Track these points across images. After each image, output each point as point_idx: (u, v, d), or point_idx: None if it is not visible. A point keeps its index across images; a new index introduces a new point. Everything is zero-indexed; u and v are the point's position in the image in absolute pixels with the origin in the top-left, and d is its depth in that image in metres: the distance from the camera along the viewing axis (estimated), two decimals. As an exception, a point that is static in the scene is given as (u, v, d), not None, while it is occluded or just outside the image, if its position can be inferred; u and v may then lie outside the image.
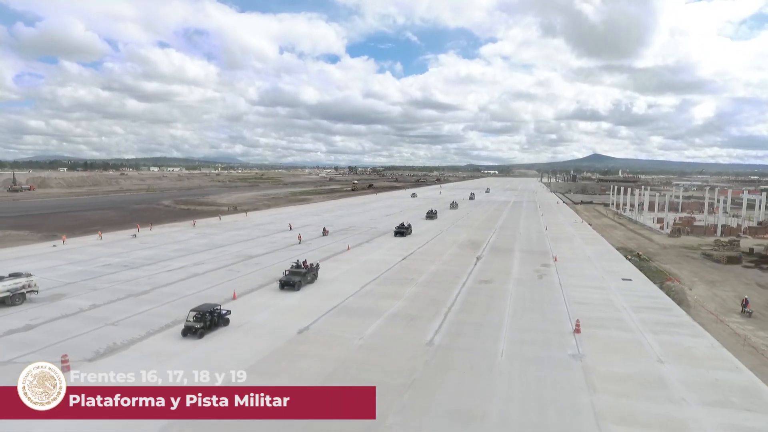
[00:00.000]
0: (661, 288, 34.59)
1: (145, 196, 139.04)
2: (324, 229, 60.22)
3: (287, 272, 33.32)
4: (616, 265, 43.00)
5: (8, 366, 19.72)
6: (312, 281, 33.89)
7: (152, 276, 36.15)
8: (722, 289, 36.12)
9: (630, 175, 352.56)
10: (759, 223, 72.20)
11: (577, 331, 24.39)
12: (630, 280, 36.53)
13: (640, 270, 40.84)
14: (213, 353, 21.25)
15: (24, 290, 28.67)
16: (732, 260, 45.47)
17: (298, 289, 31.68)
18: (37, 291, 29.55)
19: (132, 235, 57.35)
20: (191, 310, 23.68)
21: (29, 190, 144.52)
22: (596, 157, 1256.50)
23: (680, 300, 31.43)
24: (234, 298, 30.00)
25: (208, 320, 23.35)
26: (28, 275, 29.54)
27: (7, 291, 27.81)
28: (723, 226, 66.32)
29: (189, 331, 22.99)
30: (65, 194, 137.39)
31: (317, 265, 35.75)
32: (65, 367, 19.27)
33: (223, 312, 24.68)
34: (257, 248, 49.07)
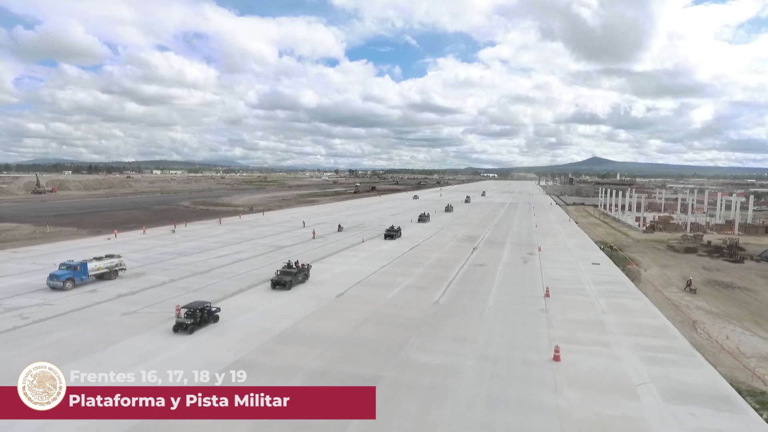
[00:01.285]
0: (623, 270, 42.52)
1: (161, 197, 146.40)
2: (339, 226, 68.25)
3: (279, 272, 34.24)
4: (590, 254, 51.06)
5: (134, 314, 27.60)
6: (303, 281, 34.78)
7: (206, 260, 44.00)
8: (672, 271, 44.06)
9: (627, 178, 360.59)
10: (726, 222, 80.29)
11: (547, 295, 32.35)
12: (598, 264, 44.52)
13: (610, 257, 48.84)
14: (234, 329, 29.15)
15: (117, 268, 36.55)
16: (689, 250, 53.60)
17: (289, 289, 32.78)
18: (125, 269, 37.42)
19: (171, 230, 65.24)
20: (182, 307, 24.73)
21: (51, 192, 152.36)
22: (595, 161, 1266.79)
23: (634, 278, 39.41)
24: (280, 275, 37.83)
25: (198, 317, 24.30)
26: (119, 256, 37.49)
27: (106, 268, 35.70)
28: (692, 223, 74.67)
29: (180, 327, 23.80)
30: (86, 196, 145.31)
31: (309, 266, 36.87)
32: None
33: (213, 309, 25.73)
34: (284, 241, 56.98)
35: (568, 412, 16.76)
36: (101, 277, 35.47)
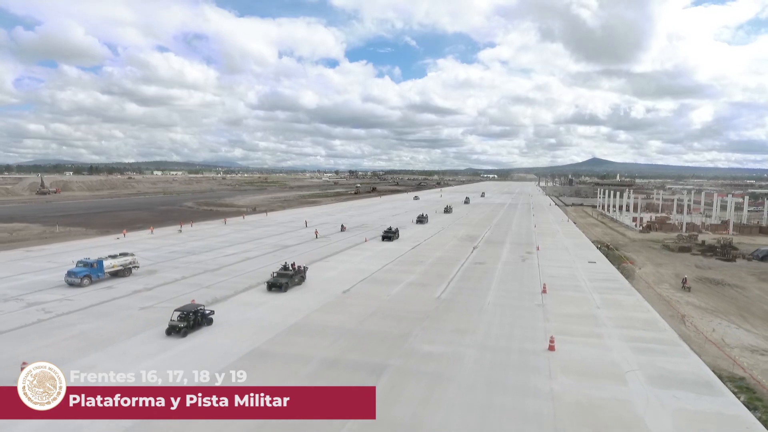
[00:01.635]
0: (618, 268, 43.96)
1: (164, 198, 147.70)
2: (342, 226, 69.72)
3: (275, 274, 34.07)
4: (587, 252, 52.56)
5: (152, 308, 29.03)
6: (300, 283, 34.61)
7: (215, 259, 45.43)
8: (665, 269, 45.54)
9: (626, 179, 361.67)
10: (722, 222, 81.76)
11: (544, 291, 33.80)
12: (594, 262, 45.99)
13: (606, 256, 50.30)
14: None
15: (131, 265, 38.00)
16: (683, 249, 55.13)
17: (285, 291, 32.41)
18: (138, 267, 38.85)
19: (177, 230, 66.70)
20: (175, 310, 24.45)
21: (55, 192, 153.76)
22: (595, 162, 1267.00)
23: (628, 275, 40.87)
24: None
25: (191, 320, 24.18)
26: (132, 254, 38.93)
27: (121, 265, 37.15)
28: (688, 223, 76.19)
29: (173, 330, 23.60)
30: (90, 197, 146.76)
31: (305, 268, 36.74)
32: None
33: (207, 312, 25.61)
34: (289, 240, 58.44)
35: (561, 395, 18.21)
36: (115, 274, 36.88)
